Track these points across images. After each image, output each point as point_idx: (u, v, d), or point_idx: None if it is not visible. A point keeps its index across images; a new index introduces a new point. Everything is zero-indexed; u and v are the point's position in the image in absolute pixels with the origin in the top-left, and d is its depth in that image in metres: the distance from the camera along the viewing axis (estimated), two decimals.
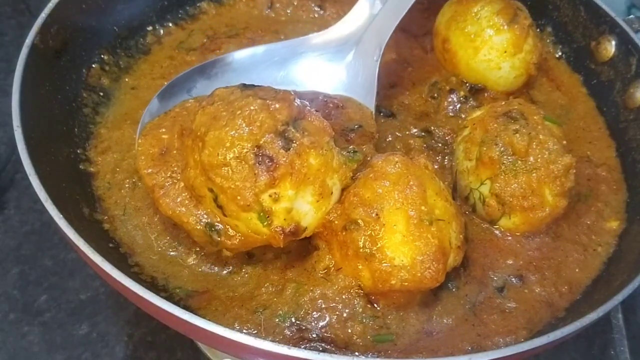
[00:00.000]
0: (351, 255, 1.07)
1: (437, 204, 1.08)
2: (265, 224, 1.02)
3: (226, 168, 0.99)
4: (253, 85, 1.11)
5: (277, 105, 1.02)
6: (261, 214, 1.01)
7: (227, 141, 0.99)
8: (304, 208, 1.04)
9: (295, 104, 1.06)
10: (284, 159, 0.98)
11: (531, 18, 1.49)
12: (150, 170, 1.14)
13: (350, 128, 1.33)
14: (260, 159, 0.98)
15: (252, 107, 1.01)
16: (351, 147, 1.19)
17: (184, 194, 1.10)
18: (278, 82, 1.42)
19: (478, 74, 1.48)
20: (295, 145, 1.00)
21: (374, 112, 1.39)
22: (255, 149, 0.98)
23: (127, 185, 1.27)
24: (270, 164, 0.98)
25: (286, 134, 1.01)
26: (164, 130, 1.19)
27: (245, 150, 0.98)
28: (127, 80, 1.50)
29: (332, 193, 1.07)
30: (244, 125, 0.99)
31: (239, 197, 0.99)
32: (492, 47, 1.44)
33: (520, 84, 1.51)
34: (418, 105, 1.51)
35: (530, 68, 1.48)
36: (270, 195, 1.00)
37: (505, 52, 1.44)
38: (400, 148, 1.39)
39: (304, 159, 1.00)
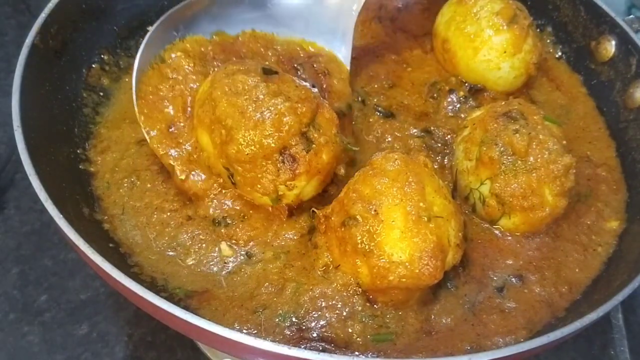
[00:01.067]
0: (350, 252, 1.08)
1: (435, 201, 1.09)
2: (275, 204, 1.16)
3: (252, 164, 1.11)
4: (271, 71, 1.18)
5: (303, 109, 1.11)
6: (274, 197, 1.15)
7: (256, 141, 1.08)
8: (309, 190, 1.17)
9: (315, 100, 1.15)
10: (305, 159, 1.11)
11: (531, 18, 1.49)
12: (172, 153, 1.24)
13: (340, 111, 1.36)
14: (284, 158, 1.11)
15: (280, 109, 1.09)
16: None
17: (202, 175, 1.23)
18: (259, 21, 1.43)
19: (478, 75, 1.48)
20: (314, 146, 1.12)
21: (349, 70, 1.43)
22: (282, 149, 1.10)
23: (125, 185, 1.27)
24: (293, 163, 1.11)
25: (307, 135, 1.12)
26: (167, 102, 1.26)
27: (272, 152, 1.10)
28: (127, 80, 1.50)
29: (332, 178, 1.20)
30: (272, 128, 1.08)
31: (259, 186, 1.13)
32: (491, 47, 1.44)
33: (520, 84, 1.51)
34: (417, 106, 1.50)
35: (530, 68, 1.48)
36: (286, 186, 1.12)
37: (505, 52, 1.44)
38: (399, 148, 1.39)
39: (319, 157, 1.13)
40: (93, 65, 1.46)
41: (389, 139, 1.42)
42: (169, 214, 1.23)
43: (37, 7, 1.32)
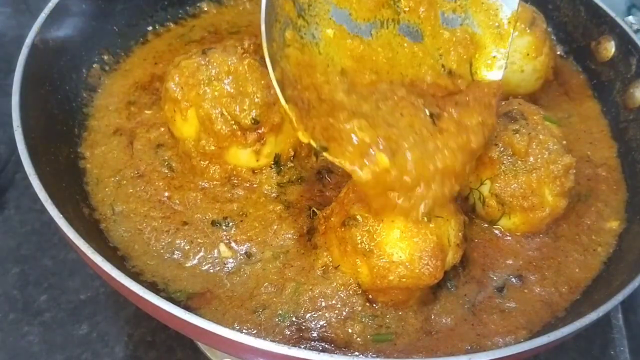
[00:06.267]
0: (350, 252, 1.08)
1: None
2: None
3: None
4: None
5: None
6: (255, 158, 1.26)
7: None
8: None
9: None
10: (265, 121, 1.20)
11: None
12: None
13: None
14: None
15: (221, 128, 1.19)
16: None
17: None
18: None
19: None
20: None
21: None
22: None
23: (112, 181, 1.27)
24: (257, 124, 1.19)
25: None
26: None
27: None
28: (117, 72, 1.50)
29: None
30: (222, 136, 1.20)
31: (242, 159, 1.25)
32: (515, 50, 1.42)
33: (538, 87, 1.51)
34: None
35: (549, 72, 1.47)
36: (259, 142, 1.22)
37: (528, 54, 1.43)
38: None
39: (273, 117, 1.20)
40: (93, 65, 1.46)
41: None
42: (160, 221, 1.22)
43: (37, 7, 1.32)
